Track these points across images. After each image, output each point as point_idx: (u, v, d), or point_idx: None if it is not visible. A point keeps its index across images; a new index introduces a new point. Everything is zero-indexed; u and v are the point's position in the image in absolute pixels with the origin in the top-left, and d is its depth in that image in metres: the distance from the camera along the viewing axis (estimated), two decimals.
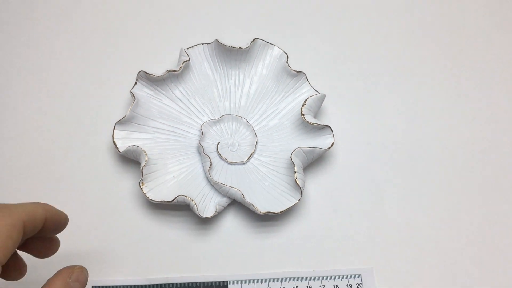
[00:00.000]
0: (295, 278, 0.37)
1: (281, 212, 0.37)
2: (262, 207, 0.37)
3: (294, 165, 0.37)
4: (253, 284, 0.36)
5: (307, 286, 0.36)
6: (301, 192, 0.37)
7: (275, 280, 0.37)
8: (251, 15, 0.49)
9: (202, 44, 0.43)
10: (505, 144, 0.43)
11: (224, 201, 0.38)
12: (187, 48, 0.43)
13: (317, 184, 0.41)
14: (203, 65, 0.43)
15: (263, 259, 0.38)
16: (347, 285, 0.36)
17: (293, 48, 0.45)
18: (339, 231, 0.39)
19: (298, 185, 0.37)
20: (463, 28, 0.49)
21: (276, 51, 0.43)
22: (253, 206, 0.36)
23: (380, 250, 0.38)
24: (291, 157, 0.38)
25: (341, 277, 0.37)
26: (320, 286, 0.36)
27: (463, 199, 0.41)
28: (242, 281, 0.36)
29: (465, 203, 0.41)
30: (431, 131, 0.44)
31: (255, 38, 0.43)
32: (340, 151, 0.42)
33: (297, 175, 0.37)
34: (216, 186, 0.38)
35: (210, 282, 0.36)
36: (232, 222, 0.39)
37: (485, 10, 0.50)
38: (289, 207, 0.37)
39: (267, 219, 0.39)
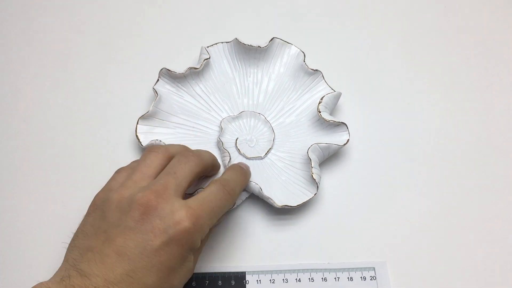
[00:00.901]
0: (311, 270, 0.37)
1: (297, 205, 0.37)
2: (279, 201, 0.37)
3: (310, 160, 0.38)
4: (269, 275, 0.37)
5: (322, 278, 0.37)
6: (317, 187, 0.37)
7: (291, 271, 0.37)
8: (269, 14, 0.50)
9: (222, 42, 0.44)
10: None
11: (243, 194, 0.38)
12: (208, 47, 0.44)
13: (332, 180, 0.41)
14: (223, 63, 0.44)
15: (280, 251, 0.38)
16: (361, 277, 0.37)
17: (310, 47, 0.45)
18: (353, 225, 0.39)
19: (315, 179, 0.37)
20: (480, 25, 0.49)
21: (293, 50, 0.44)
22: (271, 199, 0.37)
23: (394, 244, 0.38)
24: (307, 152, 0.38)
25: (355, 269, 0.37)
26: (335, 278, 0.37)
27: (476, 194, 0.41)
28: (259, 272, 0.37)
29: (478, 198, 0.40)
30: (445, 128, 0.44)
31: (274, 37, 0.43)
32: (355, 147, 0.42)
33: (314, 170, 0.37)
34: None
35: (228, 273, 0.37)
36: (249, 216, 0.39)
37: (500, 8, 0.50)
38: (305, 201, 0.37)
39: (283, 213, 0.39)
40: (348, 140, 0.40)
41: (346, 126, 0.40)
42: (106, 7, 0.50)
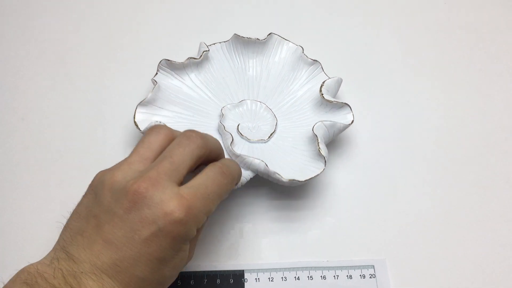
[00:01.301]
0: (310, 268, 0.36)
1: (305, 180, 0.36)
2: (286, 176, 0.36)
3: (316, 137, 0.37)
4: (268, 273, 0.36)
5: (321, 276, 0.36)
6: (325, 162, 0.36)
7: (290, 269, 0.36)
8: (266, 9, 0.51)
9: (220, 42, 0.44)
10: None
11: (247, 173, 0.36)
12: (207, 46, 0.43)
13: (332, 178, 0.41)
14: (222, 58, 0.44)
15: (279, 249, 0.37)
16: (360, 275, 0.36)
17: (307, 41, 0.45)
18: (353, 223, 0.39)
19: (322, 155, 0.36)
20: (483, 19, 0.51)
21: (291, 45, 0.44)
22: (278, 174, 0.35)
23: (393, 242, 0.38)
24: (313, 130, 0.37)
25: (354, 267, 0.37)
26: (334, 276, 0.36)
27: (477, 191, 0.41)
28: (258, 270, 0.36)
29: (478, 196, 0.40)
30: (447, 120, 0.44)
31: (271, 33, 0.43)
32: (356, 144, 0.42)
33: (320, 145, 0.37)
34: (238, 159, 0.37)
35: (227, 271, 0.36)
36: (248, 213, 0.39)
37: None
38: (313, 176, 0.36)
39: (284, 210, 0.39)
40: (352, 120, 0.39)
41: (350, 107, 0.39)
42: (105, 4, 0.50)
